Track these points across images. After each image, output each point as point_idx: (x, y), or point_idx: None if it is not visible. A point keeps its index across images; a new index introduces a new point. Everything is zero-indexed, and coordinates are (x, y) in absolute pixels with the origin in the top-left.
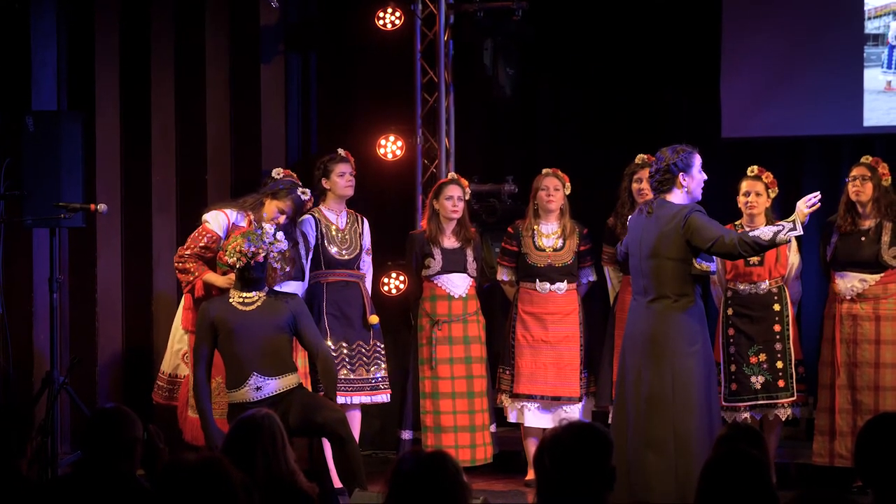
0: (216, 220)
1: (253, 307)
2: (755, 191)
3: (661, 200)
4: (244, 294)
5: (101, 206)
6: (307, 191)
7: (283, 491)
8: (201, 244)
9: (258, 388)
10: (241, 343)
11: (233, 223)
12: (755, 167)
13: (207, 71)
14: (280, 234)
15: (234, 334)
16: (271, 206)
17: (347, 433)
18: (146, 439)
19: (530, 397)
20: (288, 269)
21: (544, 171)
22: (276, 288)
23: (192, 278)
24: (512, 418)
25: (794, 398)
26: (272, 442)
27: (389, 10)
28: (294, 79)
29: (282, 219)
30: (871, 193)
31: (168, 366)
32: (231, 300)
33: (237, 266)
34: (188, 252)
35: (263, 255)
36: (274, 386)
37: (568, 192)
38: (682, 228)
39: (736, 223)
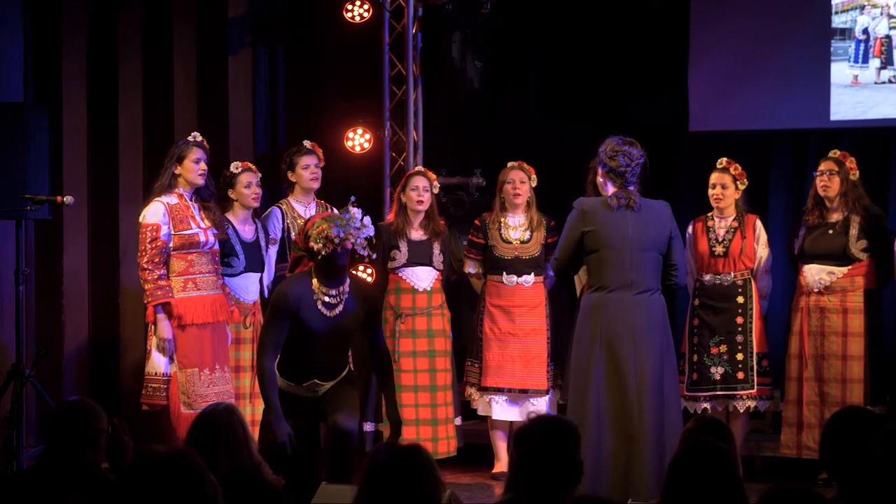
0: (152, 211)
1: (335, 311)
2: (722, 183)
3: (636, 195)
4: (328, 292)
5: (68, 198)
6: (196, 133)
7: (248, 484)
8: (149, 243)
9: (313, 391)
10: (314, 351)
11: (168, 205)
12: (724, 159)
13: (175, 63)
14: (367, 220)
15: (311, 341)
16: (185, 167)
17: (352, 430)
18: (111, 432)
19: (498, 390)
20: (374, 255)
21: (510, 164)
22: (236, 278)
23: (146, 300)
24: (480, 411)
25: (754, 391)
26: (234, 436)
27: (358, 3)
28: (262, 71)
29: (203, 165)
30: (838, 188)
31: (153, 366)
32: (315, 299)
33: (322, 253)
34: (145, 260)
35: (352, 241)
36: (327, 386)
37: (534, 184)
38: (670, 226)
39: (707, 215)
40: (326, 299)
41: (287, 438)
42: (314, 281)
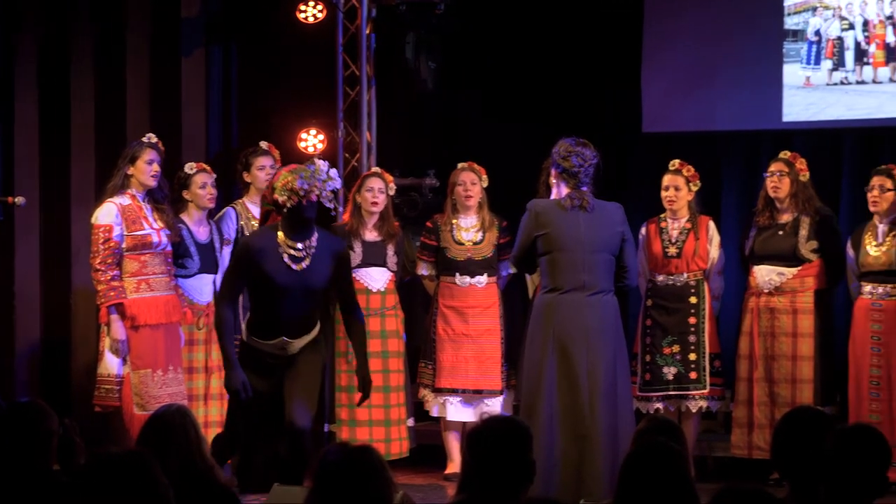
0: (105, 212)
1: (302, 266)
2: (675, 185)
3: (589, 196)
4: (294, 245)
5: (19, 199)
6: (151, 135)
7: (199, 486)
8: (102, 244)
9: (282, 349)
10: (282, 306)
11: (121, 206)
12: (676, 161)
13: (128, 63)
14: (333, 172)
15: (277, 295)
16: (138, 168)
17: (305, 428)
18: (62, 433)
19: (452, 391)
20: (341, 209)
21: (460, 165)
22: (190, 279)
23: (99, 300)
24: (434, 412)
25: (707, 391)
26: (186, 438)
27: (311, 4)
28: (215, 72)
29: (156, 167)
30: (788, 188)
31: (105, 367)
32: (281, 251)
33: (287, 206)
34: (98, 261)
35: (317, 193)
36: (296, 346)
37: (485, 184)
38: (623, 228)
39: (660, 216)
40: (292, 252)
41: (241, 386)
42: (280, 234)
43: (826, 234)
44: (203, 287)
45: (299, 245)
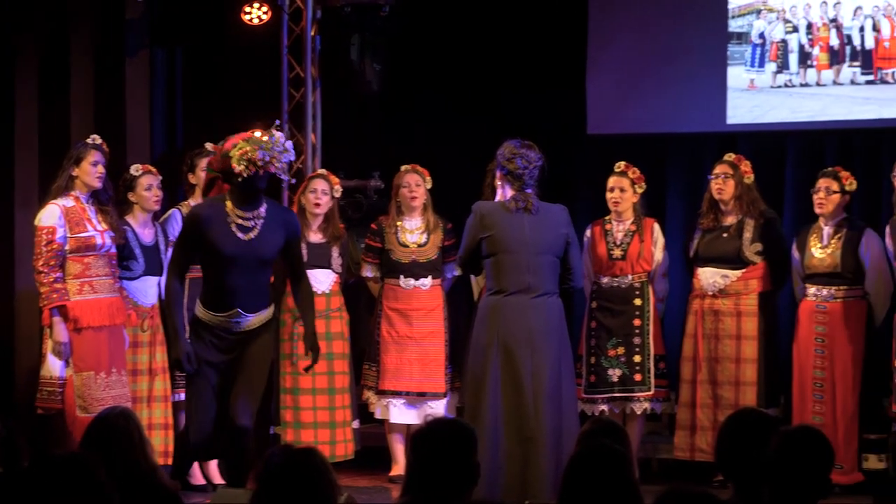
0: (48, 214)
1: (250, 235)
2: (620, 186)
3: (534, 198)
4: (242, 215)
5: None
6: (95, 136)
7: (143, 489)
8: (45, 246)
9: (237, 322)
10: (232, 276)
11: (64, 207)
12: (622, 163)
13: (71, 65)
14: (289, 144)
15: (226, 265)
16: (83, 169)
17: (246, 427)
18: (5, 435)
19: (396, 393)
20: (294, 182)
21: (403, 167)
22: (135, 282)
23: (42, 303)
24: (377, 415)
25: (651, 393)
26: (129, 441)
27: (256, 5)
28: (159, 73)
29: (100, 168)
30: (733, 191)
31: (48, 370)
32: (229, 221)
33: (243, 175)
34: (41, 263)
35: (275, 165)
36: (250, 321)
37: (429, 186)
38: (567, 230)
39: (605, 218)
40: (240, 222)
41: (185, 357)
42: (228, 203)
43: (770, 236)
44: (148, 289)
45: (248, 215)
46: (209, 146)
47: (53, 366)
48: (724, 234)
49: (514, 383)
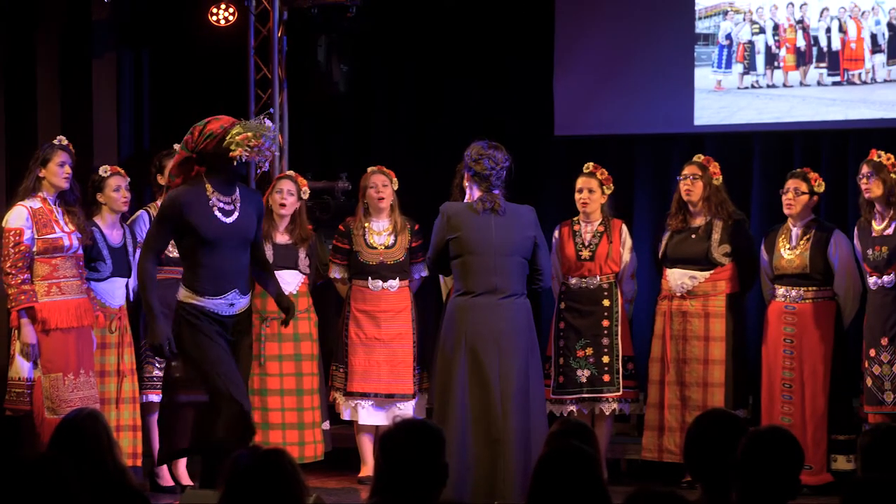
0: (15, 216)
1: (233, 218)
2: (588, 187)
3: (501, 199)
4: (222, 198)
5: None
6: (61, 137)
7: (112, 491)
8: (12, 247)
9: (231, 305)
10: (222, 259)
11: (32, 209)
12: (590, 164)
13: (38, 66)
14: (276, 129)
15: (214, 248)
16: (50, 170)
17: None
18: None
19: (364, 395)
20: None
21: (370, 169)
22: (103, 283)
23: (10, 304)
24: (346, 416)
25: (620, 393)
26: (97, 443)
27: (223, 6)
28: (126, 74)
29: (67, 169)
30: (701, 192)
31: (16, 371)
32: (211, 204)
33: (238, 159)
34: (8, 264)
35: (269, 153)
36: (243, 304)
37: (396, 187)
38: (535, 231)
39: (573, 219)
40: (221, 205)
41: (165, 340)
42: (208, 187)
43: (739, 237)
44: (115, 291)
45: (227, 198)
46: (177, 147)
47: (22, 367)
48: (693, 236)
49: (481, 384)
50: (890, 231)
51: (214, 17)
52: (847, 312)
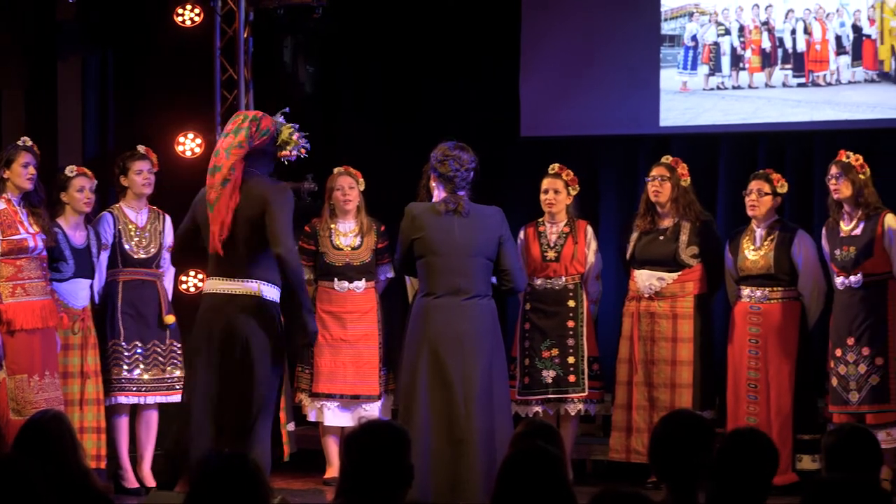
0: None
1: None
2: (554, 188)
3: (465, 200)
4: None
5: None
6: (26, 138)
7: (76, 492)
8: None
9: None
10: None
11: None
12: (556, 165)
13: (2, 66)
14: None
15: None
16: (14, 171)
17: None
18: None
19: (329, 396)
20: None
21: (336, 170)
22: (65, 284)
23: None
24: (311, 417)
25: (585, 394)
26: (61, 444)
27: (189, 7)
28: (92, 75)
29: (31, 170)
30: (669, 193)
31: None
32: None
33: (289, 157)
34: None
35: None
36: None
37: (362, 188)
38: (501, 232)
39: (538, 220)
40: None
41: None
42: None
43: (706, 239)
44: (79, 291)
45: None
46: (141, 149)
47: None
48: (661, 237)
49: (443, 385)
50: (858, 231)
51: (180, 18)
52: (812, 312)
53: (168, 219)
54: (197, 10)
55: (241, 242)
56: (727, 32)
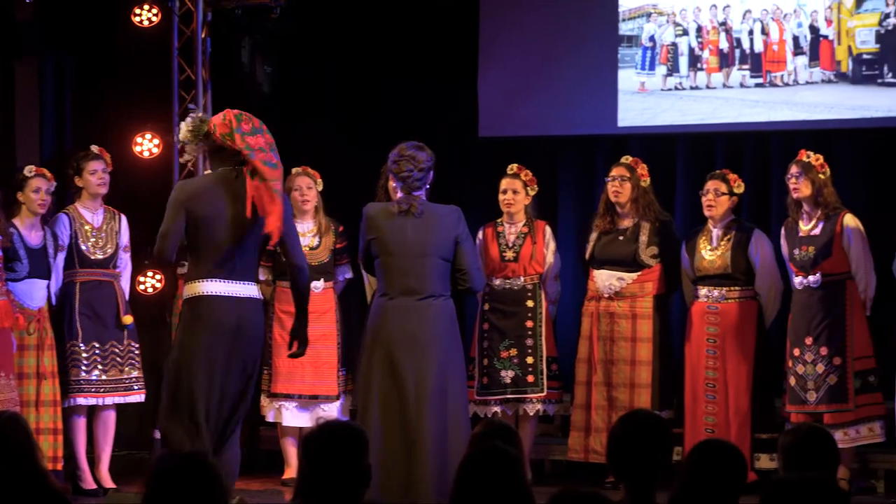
0: None
1: None
2: (513, 188)
3: (420, 200)
4: None
5: None
6: None
7: (34, 493)
8: None
9: None
10: None
11: None
12: (514, 165)
13: None
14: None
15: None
16: None
17: None
18: None
19: (288, 396)
20: None
21: (294, 170)
22: (20, 284)
23: None
24: (270, 418)
25: (544, 394)
26: (17, 446)
27: (146, 7)
28: (49, 75)
29: None
30: (629, 193)
31: None
32: None
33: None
34: None
35: None
36: None
37: (320, 188)
38: (458, 232)
39: (497, 220)
40: None
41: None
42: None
43: (666, 239)
44: (34, 292)
45: None
46: (94, 149)
47: None
48: (621, 237)
49: (396, 386)
50: (817, 231)
51: (138, 18)
52: (769, 312)
53: (124, 219)
54: (154, 11)
55: (252, 246)
56: (685, 33)
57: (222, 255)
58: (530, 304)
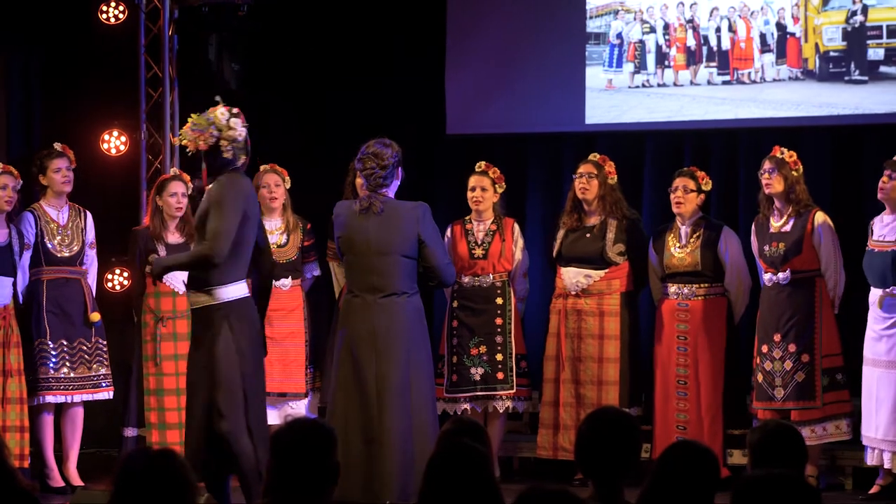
0: None
1: None
2: (481, 186)
3: (385, 198)
4: None
5: None
6: None
7: (1, 491)
8: None
9: None
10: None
11: None
12: (482, 163)
13: None
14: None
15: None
16: None
17: None
18: None
19: None
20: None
21: (262, 167)
22: None
23: None
24: None
25: (513, 391)
26: None
27: (113, 4)
28: (15, 73)
29: None
30: (597, 191)
31: None
32: None
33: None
34: None
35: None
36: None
37: (288, 186)
38: (421, 228)
39: (465, 218)
40: None
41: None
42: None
43: (633, 236)
44: (0, 289)
45: None
46: (58, 146)
47: None
48: (588, 235)
49: (358, 384)
50: (788, 228)
51: (104, 16)
52: (737, 308)
53: (90, 216)
54: (121, 8)
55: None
56: (652, 30)
57: (249, 257)
58: (500, 301)
